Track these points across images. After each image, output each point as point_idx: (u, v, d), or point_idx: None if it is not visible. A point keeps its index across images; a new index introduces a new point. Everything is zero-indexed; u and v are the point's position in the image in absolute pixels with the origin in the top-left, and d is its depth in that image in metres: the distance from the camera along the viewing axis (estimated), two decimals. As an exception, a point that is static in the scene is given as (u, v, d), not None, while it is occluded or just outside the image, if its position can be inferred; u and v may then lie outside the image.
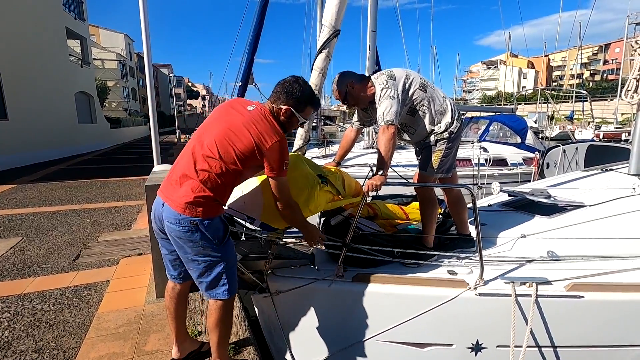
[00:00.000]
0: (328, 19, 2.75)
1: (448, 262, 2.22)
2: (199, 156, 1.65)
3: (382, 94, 2.12)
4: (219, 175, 1.63)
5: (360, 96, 2.27)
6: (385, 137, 2.05)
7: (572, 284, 1.93)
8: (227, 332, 1.87)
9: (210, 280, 1.73)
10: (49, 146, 12.55)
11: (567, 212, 2.60)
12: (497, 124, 7.98)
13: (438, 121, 2.24)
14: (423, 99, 2.21)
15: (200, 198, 1.61)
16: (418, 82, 2.20)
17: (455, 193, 2.43)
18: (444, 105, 2.26)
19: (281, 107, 1.76)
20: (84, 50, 18.00)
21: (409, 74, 2.23)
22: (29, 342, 2.28)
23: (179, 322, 2.02)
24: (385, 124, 2.06)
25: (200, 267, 1.71)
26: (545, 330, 1.92)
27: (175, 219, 1.62)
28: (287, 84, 1.78)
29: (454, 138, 2.27)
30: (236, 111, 1.75)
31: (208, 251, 1.67)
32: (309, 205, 1.93)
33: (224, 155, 1.63)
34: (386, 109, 2.07)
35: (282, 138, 1.70)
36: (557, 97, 18.28)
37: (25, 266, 3.49)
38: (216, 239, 1.67)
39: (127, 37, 37.29)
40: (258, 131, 1.66)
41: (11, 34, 10.90)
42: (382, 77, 2.18)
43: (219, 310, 1.77)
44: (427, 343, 2.02)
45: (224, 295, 1.75)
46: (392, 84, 2.12)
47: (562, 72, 56.14)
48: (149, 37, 4.25)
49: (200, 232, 1.63)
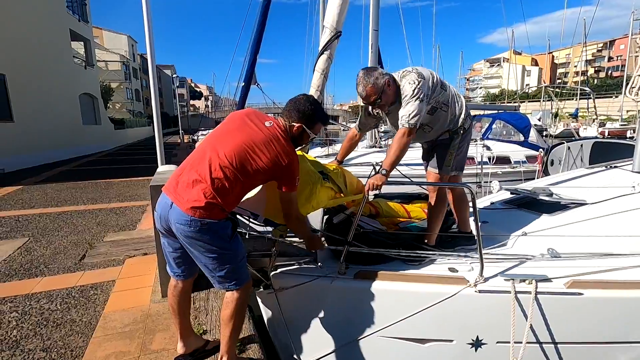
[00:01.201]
0: (329, 21, 2.78)
1: (449, 259, 2.24)
2: (215, 164, 1.69)
3: (412, 93, 2.01)
4: (231, 185, 1.70)
5: (391, 98, 2.13)
6: (403, 141, 2.01)
7: (572, 281, 1.94)
8: (240, 325, 1.90)
9: (223, 274, 1.78)
10: (54, 147, 12.66)
11: (568, 210, 2.60)
12: (500, 122, 7.96)
13: (453, 119, 2.24)
14: (443, 98, 2.18)
15: (211, 204, 1.66)
16: (439, 81, 2.17)
17: (458, 191, 2.44)
18: (460, 104, 2.26)
19: (294, 124, 1.85)
20: (88, 52, 18.14)
21: (432, 73, 2.17)
22: (37, 341, 2.31)
23: (183, 319, 2.04)
24: (409, 127, 2.00)
25: (213, 263, 1.76)
26: (545, 326, 1.94)
27: (186, 221, 1.66)
28: (299, 103, 1.87)
29: (465, 135, 2.27)
30: (255, 126, 1.80)
31: (219, 248, 1.73)
32: (310, 201, 1.97)
33: (241, 168, 1.70)
34: (413, 111, 1.99)
35: (295, 156, 1.80)
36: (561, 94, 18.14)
37: (32, 266, 3.54)
38: (226, 237, 1.74)
39: (130, 39, 37.50)
40: (277, 150, 1.74)
41: (16, 36, 11.00)
42: (412, 75, 2.06)
43: (235, 301, 1.81)
44: (427, 339, 2.04)
45: (235, 285, 1.81)
46: (422, 84, 2.03)
47: (566, 69, 55.72)
48: (153, 38, 4.28)
49: (211, 231, 1.69)
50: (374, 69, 2.14)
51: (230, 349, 1.91)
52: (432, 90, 2.11)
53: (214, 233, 1.69)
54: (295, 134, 1.87)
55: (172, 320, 2.04)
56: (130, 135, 24.84)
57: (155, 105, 4.43)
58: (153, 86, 4.41)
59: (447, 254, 2.27)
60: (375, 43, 6.29)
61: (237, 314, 1.84)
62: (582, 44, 26.07)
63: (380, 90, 2.06)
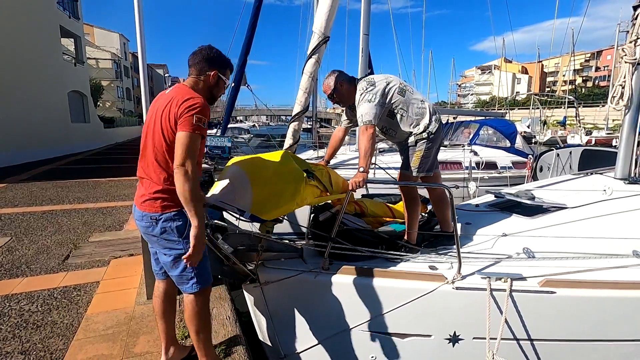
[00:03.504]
0: (318, 26, 2.86)
1: (430, 257, 2.32)
2: (145, 156, 1.73)
3: (360, 97, 2.32)
4: (161, 166, 1.67)
5: (345, 95, 2.47)
6: (365, 136, 2.22)
7: (545, 280, 2.01)
8: (203, 326, 1.86)
9: (178, 274, 1.77)
10: (41, 145, 12.40)
11: (549, 213, 2.70)
12: (488, 128, 8.08)
13: (417, 123, 2.40)
14: (400, 103, 2.37)
15: (155, 193, 1.68)
16: (397, 87, 2.38)
17: (438, 192, 2.56)
18: (422, 108, 2.42)
19: (209, 73, 1.78)
20: (78, 49, 17.86)
21: (388, 79, 2.40)
22: (16, 344, 2.25)
23: (167, 325, 2.00)
24: (364, 125, 2.24)
25: (167, 261, 1.76)
26: (519, 323, 2.01)
27: (140, 216, 1.73)
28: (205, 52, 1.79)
29: (433, 138, 2.40)
30: (153, 105, 1.78)
31: (172, 245, 1.72)
32: (295, 198, 2.01)
33: (157, 145, 1.66)
34: (364, 111, 2.26)
35: (199, 98, 1.64)
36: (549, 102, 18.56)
37: (14, 266, 3.45)
38: (178, 233, 1.70)
39: (122, 37, 37.09)
40: (174, 99, 1.64)
41: (4, 31, 10.78)
42: (362, 83, 2.38)
43: (191, 303, 1.79)
44: (407, 334, 2.12)
45: (193, 288, 1.77)
46: (370, 89, 2.31)
47: (555, 78, 56.89)
48: (144, 36, 4.23)
49: (161, 227, 1.69)
50: (337, 71, 2.48)
51: (205, 352, 1.88)
52: (383, 95, 2.32)
53: (164, 228, 1.69)
54: (212, 83, 1.80)
55: (157, 324, 2.01)
56: (120, 134, 24.47)
57: (145, 103, 4.36)
58: (144, 84, 4.36)
59: (427, 252, 2.36)
60: (365, 47, 6.33)
61: (196, 316, 1.80)
62: (570, 54, 26.63)
63: (332, 88, 2.44)
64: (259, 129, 25.56)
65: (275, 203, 1.98)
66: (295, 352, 2.29)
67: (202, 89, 1.79)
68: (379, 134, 2.55)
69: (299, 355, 2.30)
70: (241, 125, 28.26)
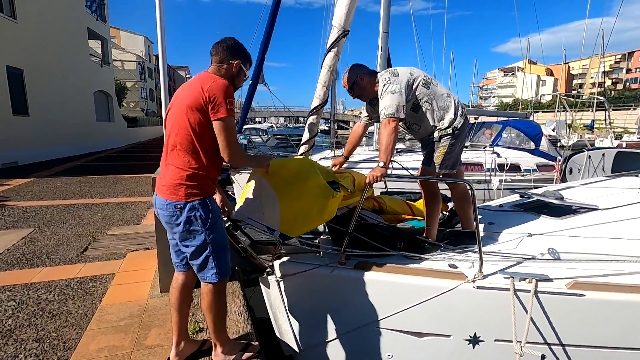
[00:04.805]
0: (337, 20, 2.84)
1: (450, 256, 2.23)
2: (168, 144, 1.75)
3: (384, 89, 2.21)
4: (187, 151, 1.68)
5: (365, 88, 2.37)
6: (387, 130, 2.12)
7: (574, 282, 1.90)
8: (220, 314, 1.91)
9: (199, 263, 1.78)
10: (67, 143, 12.86)
11: (578, 215, 2.55)
12: (511, 130, 7.79)
13: (441, 117, 2.31)
14: (425, 95, 2.28)
15: (180, 179, 1.67)
16: (421, 79, 2.29)
17: (460, 189, 2.48)
18: (447, 102, 2.32)
19: (232, 62, 1.83)
20: (105, 50, 18.47)
21: (412, 71, 2.30)
22: (31, 331, 2.28)
23: (180, 317, 1.98)
24: (386, 117, 2.14)
25: (189, 250, 1.77)
26: (545, 326, 1.90)
27: (163, 205, 1.71)
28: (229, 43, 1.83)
29: (458, 134, 2.31)
30: (178, 92, 1.82)
31: (195, 234, 1.72)
32: (323, 214, 1.97)
33: (183, 130, 1.67)
34: (387, 103, 2.15)
35: (223, 80, 1.71)
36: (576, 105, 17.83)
37: (35, 256, 3.53)
38: (202, 222, 1.71)
39: (146, 39, 38.17)
40: (198, 83, 1.70)
41: (35, 32, 11.25)
42: (385, 74, 2.29)
43: (209, 293, 1.82)
44: (425, 332, 2.05)
45: (212, 278, 1.79)
46: (394, 80, 2.21)
47: (582, 80, 54.81)
48: (164, 38, 4.29)
49: (186, 216, 1.68)
50: (356, 64, 2.39)
51: (220, 336, 1.93)
52: (407, 87, 2.22)
53: (188, 217, 1.68)
54: (234, 72, 1.84)
55: (171, 315, 1.99)
56: (143, 134, 25.15)
57: (164, 100, 4.43)
58: (163, 82, 4.44)
59: (448, 250, 2.28)
60: (385, 45, 6.24)
61: (213, 305, 1.85)
62: (601, 55, 25.58)
63: (352, 82, 2.34)
64: (276, 130, 25.75)
65: (303, 220, 1.98)
66: (310, 347, 2.25)
67: (223, 76, 1.80)
68: (402, 129, 2.46)
69: (314, 350, 2.26)
70: (259, 126, 28.52)
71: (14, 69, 10.30)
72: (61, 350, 2.10)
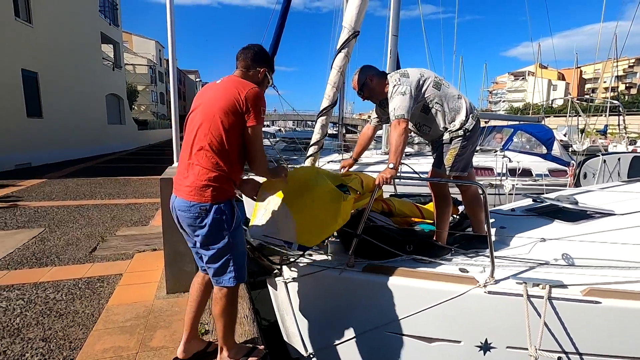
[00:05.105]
0: (348, 21, 2.83)
1: (461, 260, 2.19)
2: (194, 144, 1.69)
3: (393, 90, 2.19)
4: (215, 152, 1.66)
5: (375, 90, 2.37)
6: (397, 131, 2.10)
7: (589, 288, 1.84)
8: (232, 320, 1.89)
9: (218, 266, 1.75)
10: (79, 145, 13.06)
11: (593, 220, 2.48)
12: (522, 134, 7.67)
13: (452, 119, 2.28)
14: (435, 97, 2.26)
15: (206, 181, 1.64)
16: (432, 81, 2.27)
17: (471, 192, 2.43)
18: (458, 103, 2.29)
19: (259, 69, 1.85)
20: (117, 54, 18.79)
21: (422, 72, 2.29)
22: (38, 331, 2.28)
23: (196, 314, 1.98)
24: (396, 118, 2.12)
25: (209, 253, 1.73)
26: (559, 334, 1.84)
27: (186, 207, 1.67)
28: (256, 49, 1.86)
29: (469, 136, 2.27)
30: (204, 94, 1.82)
31: (216, 237, 1.70)
32: (337, 219, 1.95)
33: (213, 131, 1.66)
34: (397, 104, 2.14)
35: (256, 88, 1.73)
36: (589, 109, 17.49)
37: (44, 256, 3.56)
38: (225, 225, 1.70)
39: (158, 44, 38.78)
40: (232, 87, 1.70)
41: (50, 36, 11.49)
42: (395, 75, 2.27)
43: (224, 298, 1.79)
44: (434, 338, 2.01)
45: (230, 282, 1.77)
46: (404, 81, 2.19)
47: (594, 84, 53.97)
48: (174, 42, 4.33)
49: (212, 218, 1.66)
50: (365, 66, 2.38)
51: (227, 340, 1.91)
52: (417, 88, 2.20)
53: (213, 219, 1.66)
54: (260, 79, 1.86)
55: (186, 310, 1.97)
56: (153, 136, 25.46)
57: (174, 103, 4.44)
58: (173, 84, 4.47)
59: (458, 253, 2.24)
60: (394, 49, 6.21)
61: (226, 310, 1.82)
62: (614, 59, 25.13)
63: (362, 83, 2.34)
64: (284, 133, 25.84)
65: (319, 228, 1.95)
66: (317, 350, 2.22)
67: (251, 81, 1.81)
68: (412, 130, 2.42)
69: (321, 353, 2.23)
70: (267, 129, 28.66)
71: (29, 72, 10.52)
72: (67, 350, 2.10)
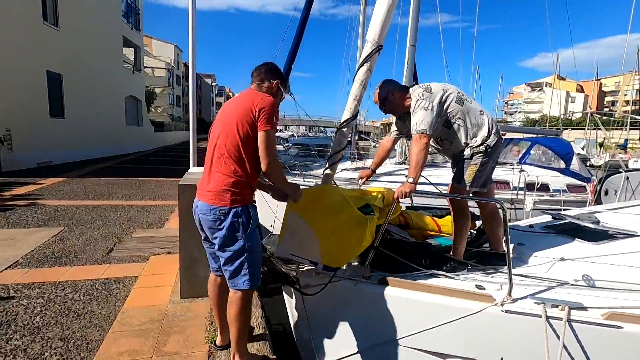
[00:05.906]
0: (372, 35, 2.83)
1: (477, 276, 2.15)
2: (215, 153, 1.85)
3: (416, 105, 2.21)
4: (233, 159, 1.79)
5: (397, 104, 2.39)
6: (418, 146, 2.11)
7: (611, 312, 1.77)
8: (245, 324, 1.95)
9: (234, 269, 1.83)
10: (98, 145, 13.40)
11: (616, 240, 2.41)
12: (540, 147, 7.53)
13: (474, 134, 2.27)
14: (458, 112, 2.25)
15: (225, 186, 1.77)
16: (455, 96, 2.27)
17: (490, 208, 2.40)
18: (481, 119, 2.28)
19: (272, 82, 1.98)
20: (137, 58, 19.29)
21: (446, 87, 2.29)
22: (57, 330, 2.34)
23: (221, 310, 2.09)
24: (418, 133, 2.13)
25: (225, 255, 1.83)
26: (577, 357, 1.77)
27: (207, 210, 1.80)
28: (268, 66, 2.02)
29: (491, 152, 2.26)
30: (226, 107, 1.97)
31: (233, 240, 1.80)
32: (362, 242, 1.97)
33: (231, 139, 1.79)
34: (419, 119, 2.15)
35: (269, 97, 1.86)
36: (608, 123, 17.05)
37: (63, 255, 3.66)
38: (243, 228, 1.80)
39: (176, 48, 39.64)
40: (248, 99, 1.85)
41: (74, 40, 11.89)
42: (419, 89, 2.28)
43: (239, 301, 1.86)
44: (449, 354, 1.97)
45: (244, 285, 1.84)
46: (427, 96, 2.21)
47: (615, 97, 52.74)
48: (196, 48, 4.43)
49: (230, 221, 1.77)
50: (387, 80, 2.42)
51: (240, 346, 1.96)
52: (440, 104, 2.21)
53: (231, 222, 1.77)
54: (274, 91, 1.98)
55: (212, 310, 2.14)
56: (169, 138, 25.93)
57: (192, 108, 4.54)
58: (192, 92, 4.56)
59: (475, 269, 2.20)
60: (411, 59, 6.21)
61: (241, 313, 1.88)
62: (634, 72, 24.54)
63: (383, 98, 2.37)
64: (297, 139, 25.97)
65: (344, 252, 1.99)
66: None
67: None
68: (434, 145, 2.42)
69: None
70: (280, 134, 28.87)
71: (54, 73, 10.89)
72: (84, 351, 2.14)
